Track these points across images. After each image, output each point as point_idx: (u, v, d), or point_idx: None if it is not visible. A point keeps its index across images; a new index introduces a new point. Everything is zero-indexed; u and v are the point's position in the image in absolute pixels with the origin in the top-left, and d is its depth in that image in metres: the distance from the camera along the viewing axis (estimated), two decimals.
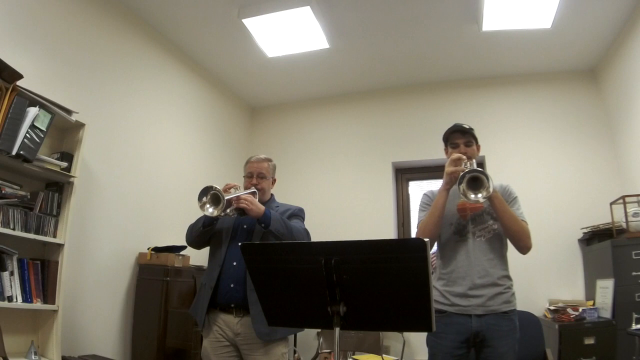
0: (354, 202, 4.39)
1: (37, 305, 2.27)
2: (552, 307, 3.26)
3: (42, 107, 2.29)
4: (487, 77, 4.25)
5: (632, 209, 3.09)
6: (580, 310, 3.11)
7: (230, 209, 1.95)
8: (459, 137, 1.94)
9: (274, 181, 2.24)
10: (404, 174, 4.54)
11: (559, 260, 3.64)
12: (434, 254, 2.05)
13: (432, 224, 1.83)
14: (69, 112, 2.47)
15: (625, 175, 3.57)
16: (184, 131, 3.96)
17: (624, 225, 3.10)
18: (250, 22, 3.37)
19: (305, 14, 3.24)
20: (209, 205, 1.87)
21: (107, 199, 3.01)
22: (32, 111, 2.22)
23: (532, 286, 3.51)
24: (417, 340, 3.69)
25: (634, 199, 3.15)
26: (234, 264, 1.95)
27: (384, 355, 3.09)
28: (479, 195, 1.67)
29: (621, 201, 3.16)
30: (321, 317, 1.25)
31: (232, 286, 1.93)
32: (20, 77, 2.16)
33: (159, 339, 2.95)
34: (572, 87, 4.04)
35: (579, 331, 2.95)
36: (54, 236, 2.40)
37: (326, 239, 1.21)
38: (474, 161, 1.85)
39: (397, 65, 4.15)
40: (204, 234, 2.03)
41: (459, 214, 1.90)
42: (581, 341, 2.91)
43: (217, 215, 1.88)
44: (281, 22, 3.36)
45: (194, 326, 2.85)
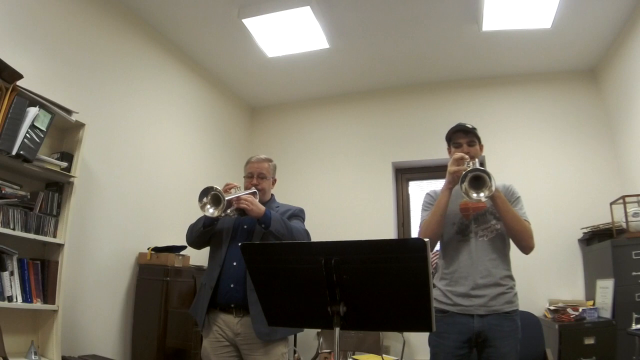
0: (354, 202, 4.39)
1: (37, 305, 2.27)
2: (552, 307, 3.27)
3: (42, 107, 2.29)
4: (487, 77, 4.25)
5: (632, 209, 3.09)
6: (580, 310, 3.11)
7: (230, 210, 1.95)
8: (462, 136, 1.93)
9: (275, 181, 2.24)
10: (404, 174, 4.54)
11: (559, 260, 3.64)
12: (436, 253, 2.05)
13: (435, 223, 1.83)
14: (69, 112, 2.47)
15: (625, 175, 3.57)
16: (184, 131, 3.96)
17: (624, 225, 3.10)
18: (250, 22, 3.37)
19: (305, 14, 3.24)
20: (209, 205, 1.87)
21: (107, 199, 3.01)
22: (32, 111, 2.22)
23: (532, 286, 3.51)
24: (417, 340, 3.69)
25: (634, 199, 3.15)
26: (234, 264, 1.95)
27: (384, 355, 3.09)
28: (481, 194, 1.67)
29: (621, 201, 3.16)
30: (321, 317, 1.25)
31: (232, 286, 1.93)
32: (20, 77, 2.16)
33: (159, 339, 2.96)
34: (572, 87, 4.04)
35: (579, 331, 2.95)
36: (54, 236, 2.40)
37: (326, 239, 1.21)
38: (476, 160, 1.85)
39: (397, 65, 4.15)
40: (204, 234, 2.03)
41: (462, 214, 1.89)
42: (581, 341, 2.91)
43: (218, 215, 1.88)
44: (281, 22, 3.36)
45: (194, 326, 2.85)
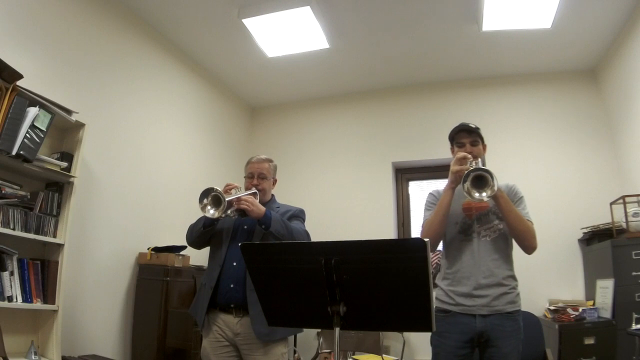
0: (354, 202, 4.39)
1: (37, 305, 2.27)
2: (552, 307, 3.26)
3: (42, 107, 2.29)
4: (487, 77, 4.25)
5: (632, 209, 3.09)
6: (580, 310, 3.11)
7: (231, 210, 1.95)
8: (465, 136, 1.93)
9: (275, 182, 2.24)
10: (404, 174, 4.54)
11: (559, 260, 3.64)
12: (437, 253, 2.05)
13: (437, 222, 1.83)
14: (69, 112, 2.47)
15: (625, 175, 3.57)
16: (184, 131, 3.96)
17: (624, 225, 3.10)
18: (250, 22, 3.37)
19: (305, 14, 3.24)
20: (210, 206, 1.86)
21: (107, 199, 3.01)
22: (32, 111, 2.22)
23: (532, 286, 3.50)
24: (417, 340, 3.69)
25: (634, 199, 3.15)
26: (234, 264, 1.95)
27: (384, 355, 3.08)
28: (483, 194, 1.67)
29: (621, 201, 3.16)
30: (321, 317, 1.25)
31: (232, 286, 1.93)
32: (20, 77, 2.16)
33: (159, 339, 2.96)
34: (572, 87, 4.04)
35: (579, 331, 2.95)
36: (54, 236, 2.40)
37: (326, 239, 1.21)
38: (479, 160, 1.85)
39: (397, 65, 4.15)
40: (204, 234, 2.03)
41: (465, 213, 1.89)
42: (581, 341, 2.91)
43: (218, 216, 1.88)
44: (281, 22, 3.35)
45: (194, 326, 2.84)
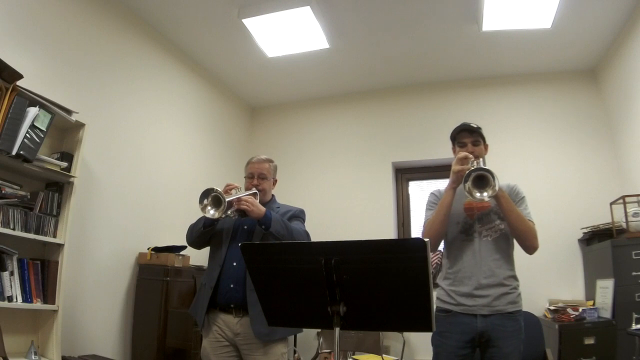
0: (354, 202, 4.39)
1: (37, 305, 2.27)
2: (552, 307, 3.26)
3: (42, 107, 2.29)
4: (487, 77, 4.25)
5: (632, 209, 3.09)
6: (580, 310, 3.11)
7: (231, 211, 1.95)
8: (467, 136, 1.93)
9: (275, 182, 2.24)
10: (404, 174, 4.54)
11: (559, 260, 3.64)
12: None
13: (439, 222, 1.83)
14: (69, 112, 2.47)
15: (625, 175, 3.57)
16: (184, 131, 3.96)
17: (624, 225, 3.10)
18: (250, 22, 3.37)
19: (305, 14, 3.24)
20: (210, 207, 1.86)
21: (107, 199, 3.01)
22: (32, 111, 2.22)
23: (532, 286, 3.48)
24: (417, 340, 3.69)
25: (634, 199, 3.14)
26: (234, 264, 1.95)
27: (384, 355, 3.08)
28: (485, 194, 1.66)
29: (621, 201, 3.16)
30: (321, 317, 1.25)
31: (232, 286, 1.93)
32: (20, 77, 2.16)
33: (159, 339, 2.96)
34: (572, 87, 4.04)
35: (579, 331, 2.95)
36: (54, 236, 2.40)
37: (326, 239, 1.21)
38: (481, 160, 1.85)
39: (397, 65, 4.14)
40: (204, 235, 2.03)
41: (466, 213, 1.89)
42: (581, 341, 2.91)
43: (218, 217, 1.88)
44: (281, 22, 3.35)
45: (194, 326, 2.85)
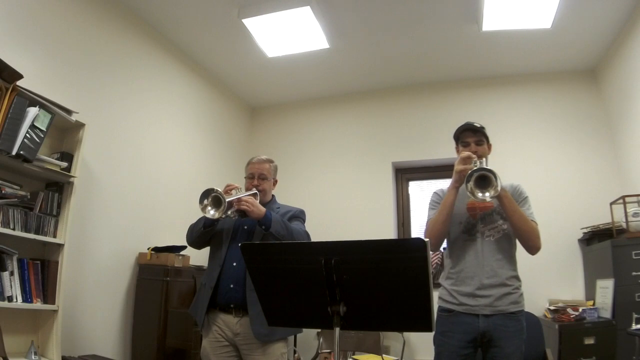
0: (354, 202, 4.39)
1: (37, 305, 2.27)
2: (552, 307, 3.26)
3: (42, 107, 2.29)
4: (487, 77, 4.25)
5: (632, 209, 3.09)
6: (580, 310, 3.11)
7: (231, 211, 1.95)
8: (470, 135, 1.92)
9: (276, 182, 2.24)
10: (404, 174, 4.54)
11: (559, 260, 3.64)
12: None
13: (441, 222, 1.83)
14: (69, 112, 2.47)
15: (625, 175, 3.57)
16: (184, 131, 3.96)
17: (624, 225, 3.10)
18: (250, 22, 3.37)
19: (305, 14, 3.24)
20: (210, 207, 1.87)
21: (107, 199, 3.01)
22: (32, 111, 2.22)
23: (532, 286, 3.47)
24: (417, 340, 3.69)
25: (634, 199, 3.14)
26: (234, 264, 1.95)
27: (384, 355, 3.09)
28: (487, 194, 1.66)
29: (621, 201, 3.16)
30: (321, 317, 1.25)
31: (231, 286, 1.93)
32: (20, 77, 2.16)
33: (159, 339, 2.96)
34: (572, 87, 4.04)
35: (579, 331, 2.95)
36: (54, 236, 2.40)
37: (326, 239, 1.21)
38: (484, 160, 1.85)
39: (397, 65, 4.14)
40: (204, 235, 2.03)
41: (469, 213, 1.89)
42: (581, 341, 2.91)
43: (219, 217, 1.88)
44: (281, 22, 3.35)
45: (194, 326, 2.85)
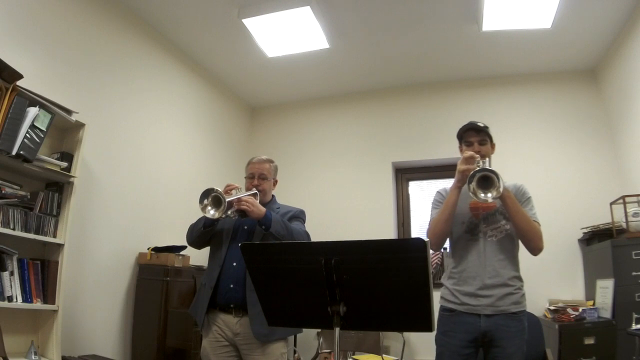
0: (354, 202, 4.39)
1: (37, 305, 2.27)
2: (552, 307, 3.26)
3: (42, 107, 2.29)
4: (487, 77, 4.25)
5: (632, 209, 3.09)
6: (580, 310, 3.11)
7: (231, 211, 1.95)
8: (473, 135, 1.92)
9: (276, 182, 2.24)
10: (404, 174, 4.54)
11: (559, 260, 3.64)
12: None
13: (443, 221, 1.83)
14: (69, 112, 2.47)
15: (625, 175, 3.57)
16: (184, 131, 3.96)
17: (624, 225, 3.10)
18: (250, 22, 3.37)
19: (305, 14, 3.24)
20: (210, 207, 1.87)
21: (107, 199, 3.01)
22: (32, 111, 2.22)
23: (532, 286, 3.45)
24: (417, 340, 3.69)
25: (634, 199, 3.14)
26: (234, 264, 1.95)
27: (384, 355, 3.08)
28: (489, 194, 1.66)
29: (621, 201, 3.16)
30: (321, 317, 1.25)
31: (231, 286, 1.93)
32: (20, 77, 2.16)
33: (159, 339, 2.96)
34: (572, 87, 4.04)
35: (579, 331, 2.95)
36: (54, 236, 2.40)
37: (326, 239, 1.21)
38: (487, 160, 1.84)
39: (397, 65, 4.14)
40: (204, 235, 2.03)
41: (472, 213, 1.89)
42: (581, 341, 2.91)
43: (219, 217, 1.88)
44: (281, 22, 3.35)
45: (194, 326, 2.85)
